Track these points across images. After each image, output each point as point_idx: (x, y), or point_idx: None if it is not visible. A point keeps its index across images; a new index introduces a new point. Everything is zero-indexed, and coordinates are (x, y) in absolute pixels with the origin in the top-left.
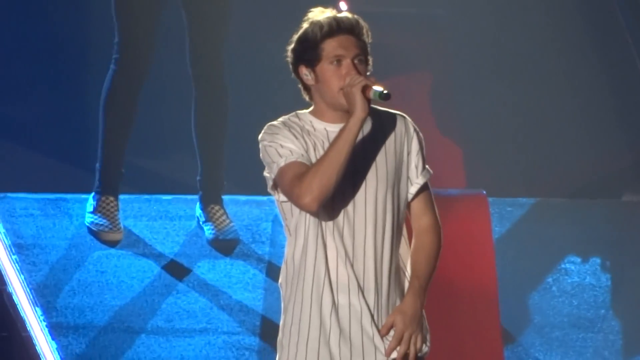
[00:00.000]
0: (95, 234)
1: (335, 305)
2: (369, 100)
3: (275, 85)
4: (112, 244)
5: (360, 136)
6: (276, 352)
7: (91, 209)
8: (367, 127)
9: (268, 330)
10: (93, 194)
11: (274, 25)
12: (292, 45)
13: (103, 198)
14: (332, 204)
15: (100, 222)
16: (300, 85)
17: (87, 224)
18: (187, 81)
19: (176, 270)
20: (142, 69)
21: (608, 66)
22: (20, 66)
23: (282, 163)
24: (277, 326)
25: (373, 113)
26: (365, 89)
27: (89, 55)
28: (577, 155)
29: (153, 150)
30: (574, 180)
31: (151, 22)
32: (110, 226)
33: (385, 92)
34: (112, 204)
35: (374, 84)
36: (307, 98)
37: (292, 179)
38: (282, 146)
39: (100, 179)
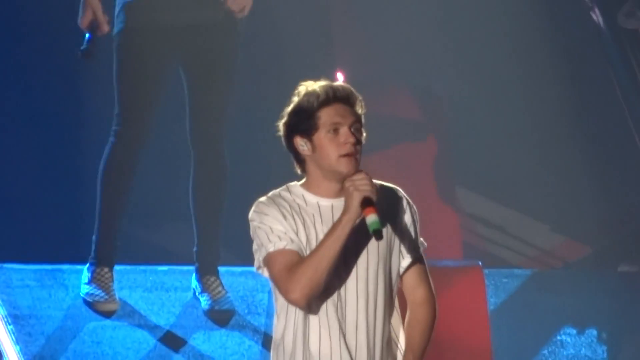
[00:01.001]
0: (90, 304)
1: None
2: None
3: (270, 156)
4: (108, 315)
5: None
6: None
7: (86, 280)
8: None
9: None
10: (88, 265)
11: (272, 96)
12: (285, 119)
13: (98, 269)
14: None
15: (96, 293)
16: (292, 158)
17: (82, 295)
18: (183, 150)
19: (172, 341)
20: (142, 141)
21: (604, 139)
22: (15, 135)
23: (270, 249)
24: None
25: None
26: (366, 203)
27: (86, 126)
28: (573, 226)
29: (149, 220)
30: (569, 251)
31: (153, 95)
32: (106, 297)
33: (379, 230)
34: (106, 275)
35: (374, 201)
36: (299, 171)
37: (281, 271)
38: (271, 230)
39: (95, 250)
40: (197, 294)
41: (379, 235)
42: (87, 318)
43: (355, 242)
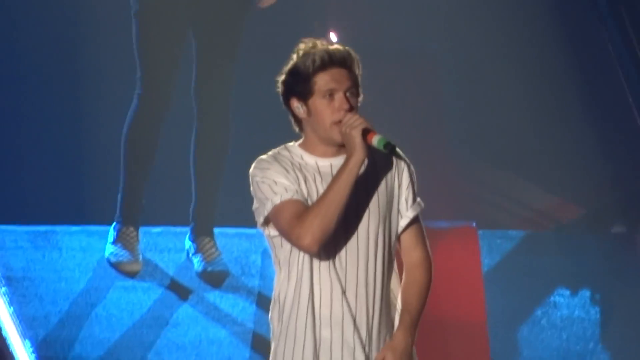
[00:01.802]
0: (114, 265)
1: (329, 341)
2: (368, 145)
3: (267, 117)
4: (131, 275)
5: None
6: None
7: (112, 240)
8: None
9: None
10: (114, 224)
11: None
12: (283, 77)
13: (124, 229)
14: None
15: (120, 253)
16: (290, 117)
17: (107, 255)
18: (182, 111)
19: (166, 303)
20: (165, 104)
21: (597, 100)
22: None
23: (277, 200)
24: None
25: None
26: (365, 133)
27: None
28: (566, 188)
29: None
30: (563, 213)
31: (173, 58)
32: (130, 257)
33: (390, 143)
34: (132, 234)
35: (372, 128)
36: (297, 129)
37: (291, 219)
38: (275, 182)
39: (121, 209)
40: (190, 255)
41: (391, 148)
42: (80, 280)
43: (356, 201)
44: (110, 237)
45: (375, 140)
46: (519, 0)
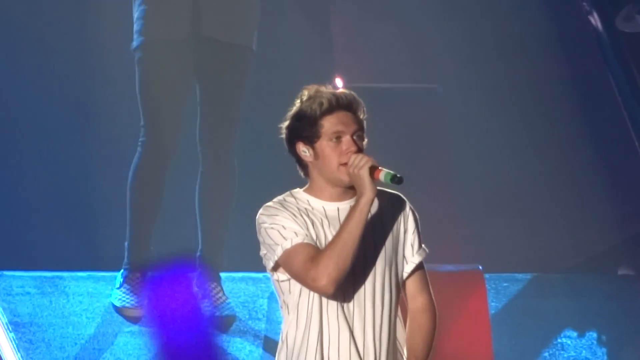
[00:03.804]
0: (118, 310)
1: None
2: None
3: (274, 163)
4: (134, 321)
5: None
6: None
7: (118, 285)
8: None
9: None
10: (122, 270)
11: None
12: (288, 122)
13: (130, 275)
14: None
15: (124, 298)
16: (296, 162)
17: (111, 300)
18: (187, 155)
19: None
20: (169, 150)
21: (603, 144)
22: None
23: (287, 245)
24: None
25: None
26: (372, 170)
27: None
28: (572, 230)
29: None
30: (569, 255)
31: (176, 105)
32: (134, 303)
33: (397, 175)
34: (138, 280)
35: (378, 165)
36: (302, 174)
37: (305, 262)
38: (284, 227)
39: (128, 256)
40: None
41: (398, 179)
42: (88, 325)
43: (363, 245)
44: (117, 283)
45: (382, 175)
46: (524, 40)
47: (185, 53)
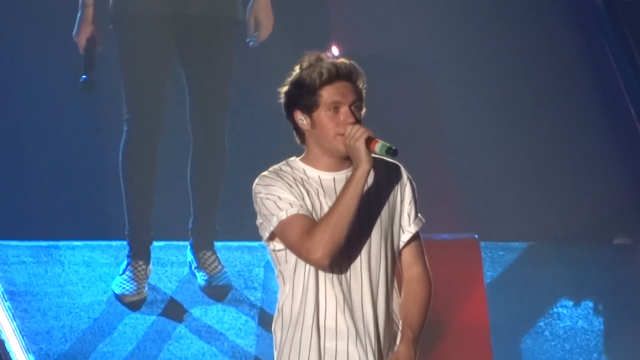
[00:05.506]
0: (117, 297)
1: (333, 351)
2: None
3: (269, 131)
4: (133, 308)
5: None
6: None
7: (120, 272)
8: None
9: None
10: (125, 260)
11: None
12: (287, 89)
13: (133, 262)
14: None
15: (125, 286)
16: (293, 129)
17: (112, 287)
18: (180, 128)
19: (169, 317)
20: (156, 125)
21: (600, 111)
22: (14, 114)
23: (283, 216)
24: None
25: None
26: (368, 141)
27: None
28: (568, 199)
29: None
30: (565, 224)
31: (158, 84)
32: (133, 290)
33: (392, 148)
34: (140, 268)
35: (375, 136)
36: (299, 142)
37: (300, 234)
38: (280, 198)
39: (129, 244)
40: (193, 268)
41: (394, 151)
42: (83, 294)
43: (359, 217)
44: (120, 270)
45: (378, 147)
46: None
47: (165, 30)
